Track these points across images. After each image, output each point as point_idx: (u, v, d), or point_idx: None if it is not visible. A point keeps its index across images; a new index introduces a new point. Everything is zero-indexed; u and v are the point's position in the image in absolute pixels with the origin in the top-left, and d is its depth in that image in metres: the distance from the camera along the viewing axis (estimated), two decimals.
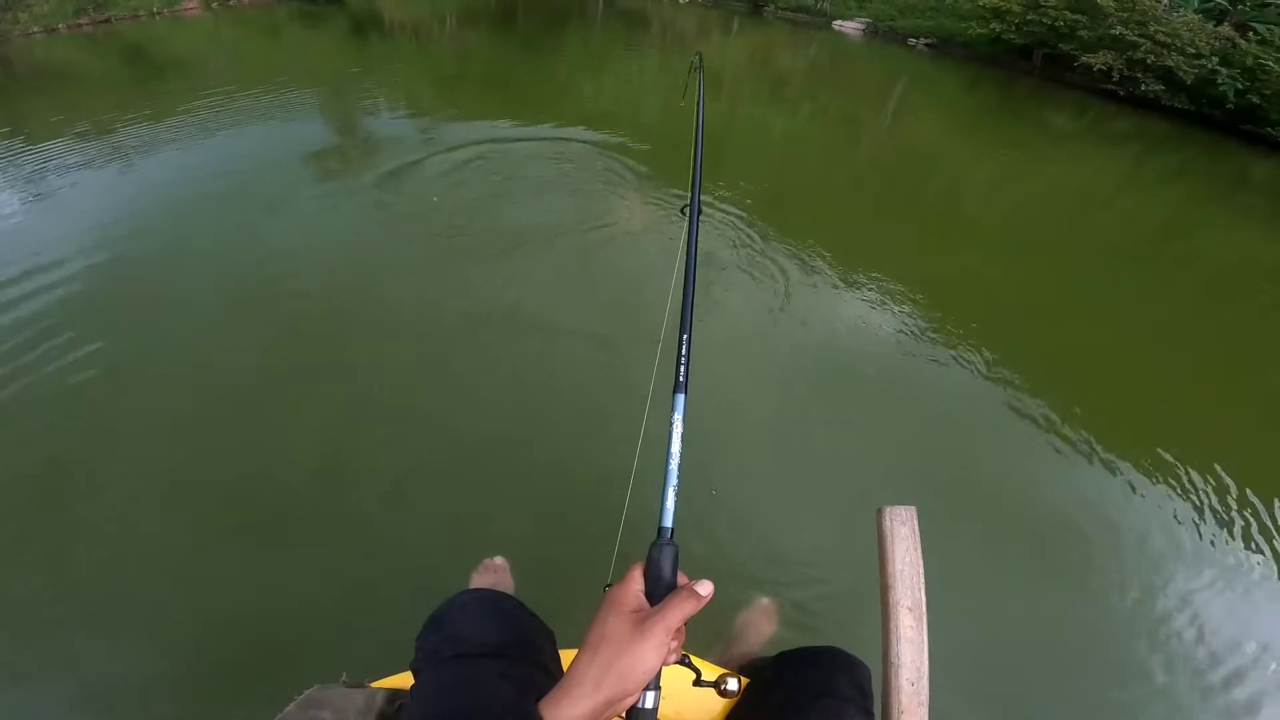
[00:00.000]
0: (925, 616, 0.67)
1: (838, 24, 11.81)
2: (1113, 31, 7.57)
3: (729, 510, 1.97)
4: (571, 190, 4.10)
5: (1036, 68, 9.03)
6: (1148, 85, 7.57)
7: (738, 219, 3.80)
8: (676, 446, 0.67)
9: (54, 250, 3.13)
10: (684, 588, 0.56)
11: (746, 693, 0.89)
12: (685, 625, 0.56)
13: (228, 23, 9.51)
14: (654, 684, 0.54)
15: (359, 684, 0.92)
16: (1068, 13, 8.10)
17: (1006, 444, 2.43)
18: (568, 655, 0.58)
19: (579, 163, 4.51)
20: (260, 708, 0.89)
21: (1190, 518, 2.15)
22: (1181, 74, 7.24)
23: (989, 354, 2.82)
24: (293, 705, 0.86)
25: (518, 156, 4.52)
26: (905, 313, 3.09)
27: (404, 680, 0.92)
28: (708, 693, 0.90)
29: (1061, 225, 4.48)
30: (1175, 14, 7.54)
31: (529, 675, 0.73)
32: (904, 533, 0.68)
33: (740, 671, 0.89)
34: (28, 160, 4.18)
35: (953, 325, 3.00)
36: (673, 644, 0.54)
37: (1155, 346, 3.18)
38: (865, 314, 3.07)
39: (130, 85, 6.31)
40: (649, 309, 2.80)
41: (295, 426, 2.23)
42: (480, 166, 4.31)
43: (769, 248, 3.52)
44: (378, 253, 3.33)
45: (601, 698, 0.50)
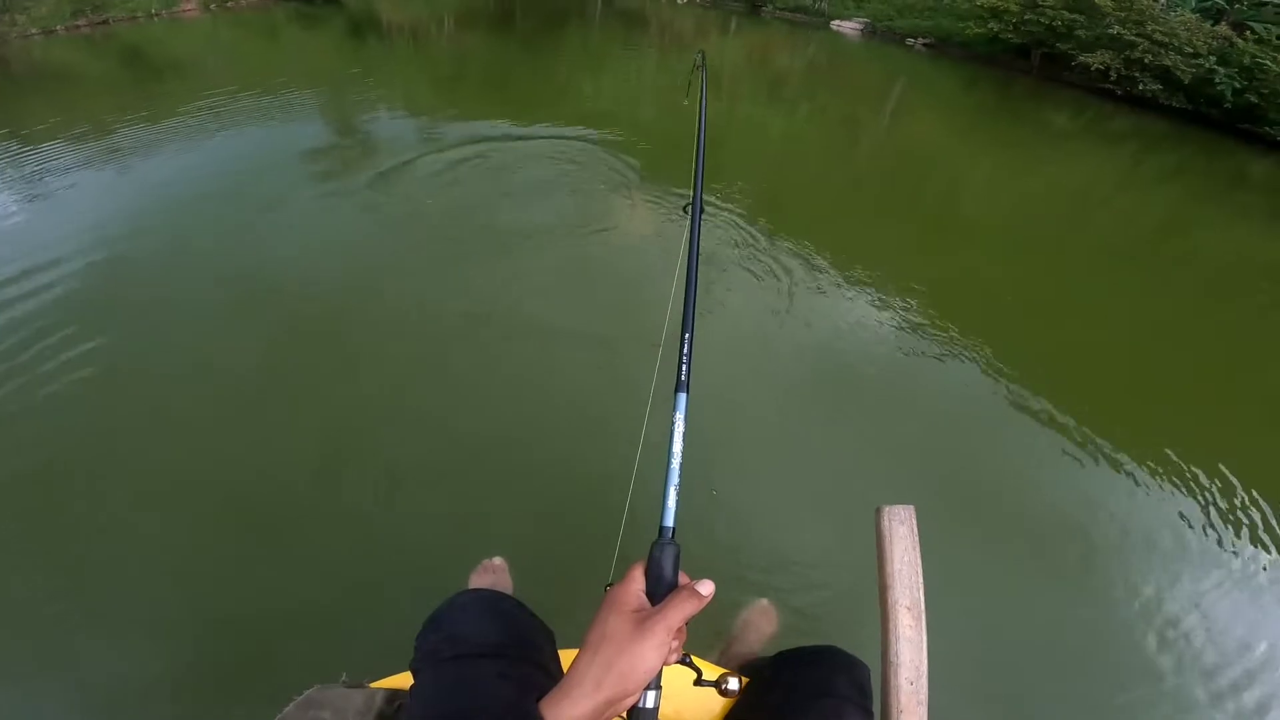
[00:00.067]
0: (924, 616, 0.67)
1: (836, 24, 11.80)
2: (1110, 31, 7.57)
3: (730, 510, 1.97)
4: (571, 190, 4.10)
5: (1034, 67, 9.04)
6: (1145, 84, 7.57)
7: (737, 219, 3.80)
8: (678, 446, 0.67)
9: (53, 250, 3.12)
10: (685, 587, 0.56)
11: (746, 692, 0.89)
12: (686, 625, 0.56)
13: (225, 24, 9.49)
14: (655, 683, 0.54)
15: (358, 684, 0.92)
16: (1065, 12, 8.10)
17: (1006, 444, 2.43)
18: (568, 655, 0.58)
19: (578, 163, 4.50)
20: (260, 708, 0.89)
21: (1190, 517, 2.15)
22: (1179, 73, 7.24)
23: (988, 354, 2.82)
24: (292, 705, 0.86)
25: (517, 156, 4.52)
26: (905, 312, 3.09)
27: (403, 680, 0.92)
28: (708, 692, 0.91)
29: (1060, 224, 4.48)
30: (1172, 13, 7.54)
31: (528, 675, 0.73)
32: (902, 532, 0.68)
33: (740, 671, 0.89)
34: (27, 161, 4.18)
35: (952, 325, 3.00)
36: (674, 644, 0.54)
37: (1154, 346, 3.18)
38: (865, 314, 3.07)
39: (129, 86, 6.30)
40: (649, 308, 2.80)
41: (295, 426, 2.22)
42: (479, 167, 4.31)
43: (769, 248, 3.52)
44: (377, 253, 3.33)
45: (602, 697, 0.50)
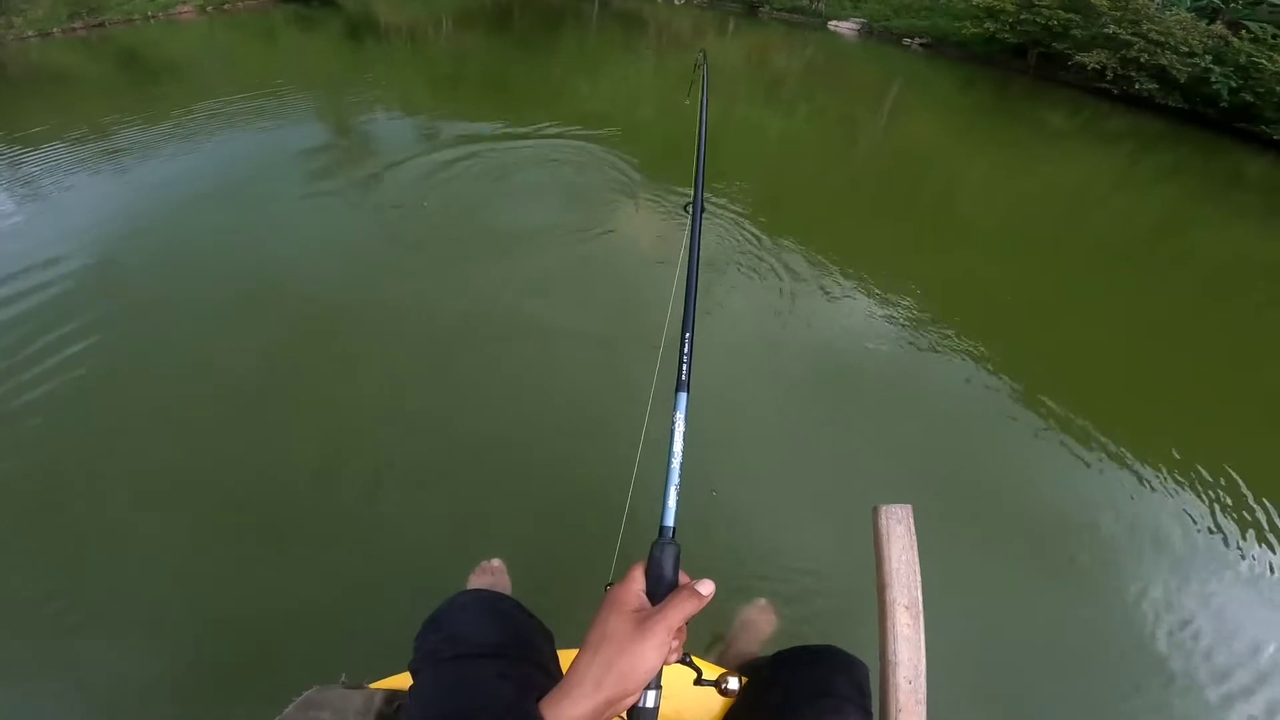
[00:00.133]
0: (922, 615, 0.67)
1: (833, 24, 11.81)
2: (1106, 30, 7.58)
3: (730, 510, 1.97)
4: (570, 190, 4.11)
5: (1031, 67, 9.05)
6: (1142, 84, 7.58)
7: (736, 220, 3.80)
8: (678, 445, 0.66)
9: (52, 250, 3.13)
10: (685, 587, 0.56)
11: (745, 692, 0.89)
12: (686, 625, 0.56)
13: (222, 26, 9.48)
14: (655, 683, 0.54)
15: (357, 685, 0.92)
16: (1061, 11, 8.10)
17: (1006, 443, 2.43)
18: (568, 655, 0.58)
19: (577, 163, 4.51)
20: (259, 708, 0.89)
21: (1190, 515, 2.15)
22: (1175, 72, 7.25)
23: (987, 353, 2.83)
24: (291, 706, 0.86)
25: (516, 157, 4.52)
26: (903, 312, 3.10)
27: (403, 681, 0.92)
28: (707, 692, 0.91)
29: (1057, 224, 4.49)
30: (1168, 12, 7.55)
31: (528, 675, 0.73)
32: (900, 531, 0.68)
33: (739, 671, 0.89)
34: (24, 163, 4.17)
35: (951, 325, 3.01)
36: (674, 643, 0.54)
37: (1152, 345, 3.18)
38: (864, 314, 3.08)
39: (126, 89, 6.30)
40: (649, 308, 2.80)
41: (295, 426, 2.23)
42: (478, 167, 4.31)
43: (768, 249, 3.52)
44: (376, 253, 3.33)
45: (602, 697, 0.50)
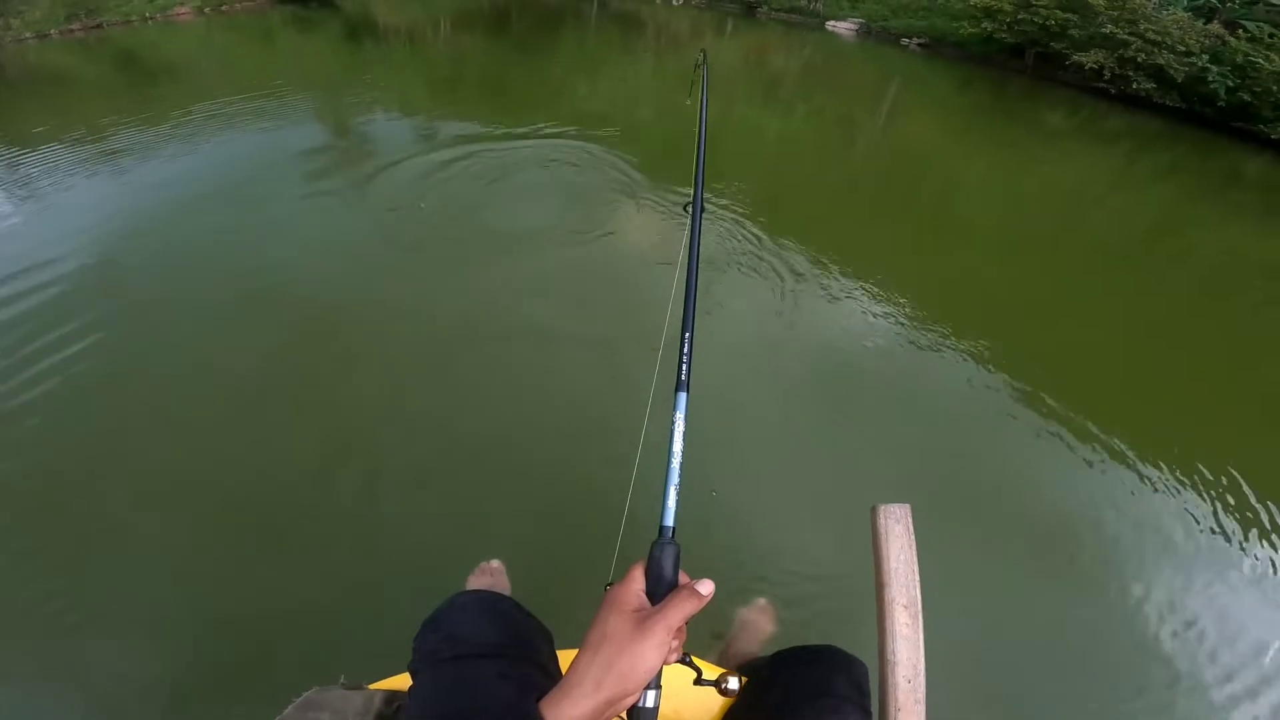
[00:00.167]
0: (921, 614, 0.67)
1: (831, 24, 11.82)
2: (1103, 30, 7.60)
3: (730, 510, 1.98)
4: (569, 191, 4.11)
5: (1028, 67, 9.06)
6: (1139, 83, 7.60)
7: (735, 220, 3.81)
8: (678, 445, 0.66)
9: (51, 252, 3.13)
10: (685, 587, 0.56)
11: (745, 692, 0.89)
12: (686, 625, 0.56)
13: (220, 28, 9.48)
14: (655, 683, 0.54)
15: (357, 685, 0.92)
16: (1058, 11, 8.12)
17: (1005, 443, 2.43)
18: (568, 655, 0.58)
19: (576, 164, 4.51)
20: (259, 709, 0.89)
21: (1190, 514, 2.15)
22: (1172, 72, 7.27)
23: (986, 353, 2.83)
24: (291, 707, 0.86)
25: (515, 158, 4.52)
26: (902, 313, 3.10)
27: (402, 681, 0.92)
28: (707, 692, 0.91)
29: (1055, 224, 4.49)
30: (1165, 12, 7.57)
31: (528, 675, 0.73)
32: (898, 530, 0.68)
33: (739, 671, 0.89)
34: (23, 164, 4.17)
35: (949, 325, 3.01)
36: (674, 643, 0.54)
37: (1150, 344, 3.19)
38: (863, 314, 3.08)
39: (124, 90, 6.29)
40: (649, 308, 2.80)
41: (294, 427, 2.23)
42: (477, 169, 4.31)
43: (767, 249, 3.53)
44: (376, 254, 3.33)
45: (602, 697, 0.50)
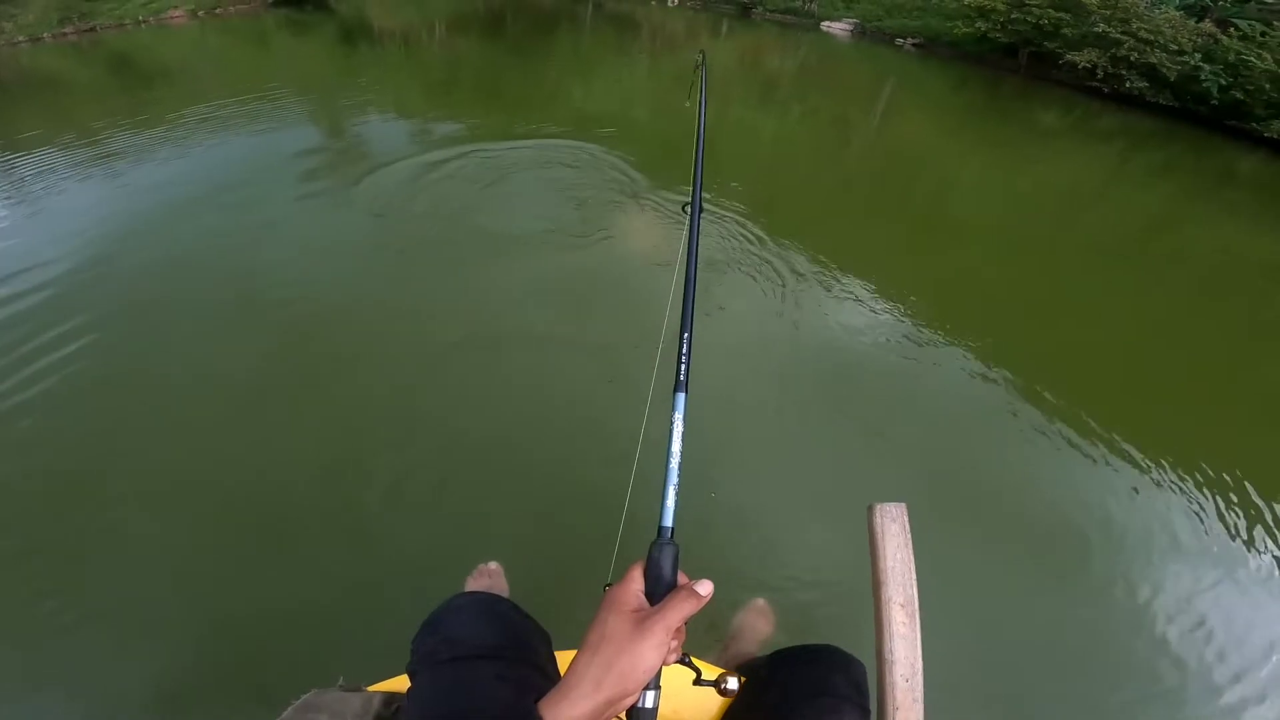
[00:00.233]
0: (918, 613, 0.68)
1: (826, 25, 11.84)
2: (1096, 29, 7.62)
3: (729, 510, 1.98)
4: (566, 193, 4.10)
5: (1022, 66, 9.09)
6: (1132, 82, 7.63)
7: (732, 221, 3.81)
8: (677, 445, 0.67)
9: (46, 254, 3.13)
10: (684, 587, 0.56)
11: (743, 692, 0.89)
12: (685, 625, 0.56)
13: (214, 31, 9.46)
14: (654, 683, 0.54)
15: (355, 687, 0.92)
16: (1051, 11, 8.15)
17: (1005, 443, 2.43)
18: (567, 656, 0.58)
19: (572, 166, 4.51)
20: (257, 712, 0.89)
21: (1190, 514, 2.15)
22: (1165, 71, 7.29)
23: (984, 353, 2.83)
24: (289, 710, 0.86)
25: (512, 160, 4.52)
26: (900, 313, 3.10)
27: (400, 683, 0.92)
28: (706, 692, 0.91)
29: (1051, 223, 4.50)
30: (1157, 11, 7.60)
31: (526, 676, 0.73)
32: (895, 529, 0.69)
33: (737, 671, 0.90)
34: (16, 167, 4.16)
35: (947, 324, 3.01)
36: (673, 643, 0.54)
37: (1147, 343, 3.19)
38: (860, 314, 3.08)
39: (118, 93, 6.29)
40: (647, 308, 2.81)
41: (294, 430, 2.23)
42: (473, 171, 4.31)
43: (764, 249, 3.53)
44: (373, 256, 3.33)
45: (602, 697, 0.50)
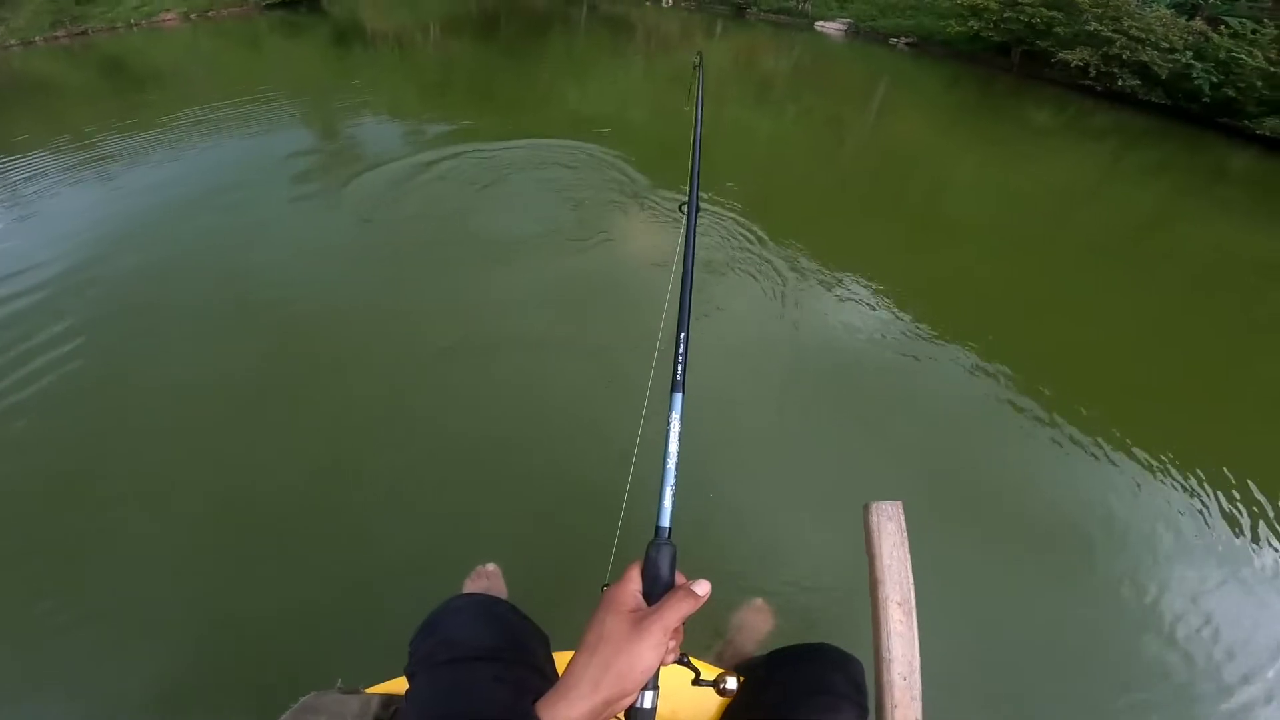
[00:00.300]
0: (915, 611, 0.68)
1: (820, 25, 11.85)
2: (1088, 27, 7.65)
3: (726, 510, 1.98)
4: (562, 194, 4.10)
5: (1015, 65, 9.11)
6: (1124, 80, 7.65)
7: (729, 221, 3.81)
8: (674, 446, 0.67)
9: (40, 257, 3.13)
10: (681, 587, 0.56)
11: (742, 691, 0.89)
12: (683, 625, 0.56)
13: (206, 34, 9.43)
14: (652, 684, 0.54)
15: (353, 690, 0.91)
16: (1044, 9, 8.17)
17: (1004, 442, 2.43)
18: (565, 657, 0.58)
19: (568, 167, 4.51)
20: (255, 713, 0.89)
21: (1189, 511, 2.15)
22: (1156, 69, 7.32)
23: (980, 352, 2.84)
24: (287, 713, 0.86)
25: (507, 162, 4.52)
26: (896, 312, 3.11)
27: (399, 685, 0.92)
28: (704, 692, 0.91)
29: (1045, 221, 4.51)
30: (1148, 9, 7.63)
31: (524, 678, 0.73)
32: (891, 528, 0.69)
33: (735, 670, 0.90)
34: (9, 170, 4.15)
35: (943, 323, 3.02)
36: (671, 643, 0.54)
37: (1142, 341, 3.19)
38: (857, 314, 3.09)
39: (110, 96, 6.27)
40: (644, 309, 2.81)
41: (292, 431, 2.22)
42: (469, 173, 4.31)
43: (761, 250, 3.53)
44: (370, 258, 3.33)
45: (600, 698, 0.50)
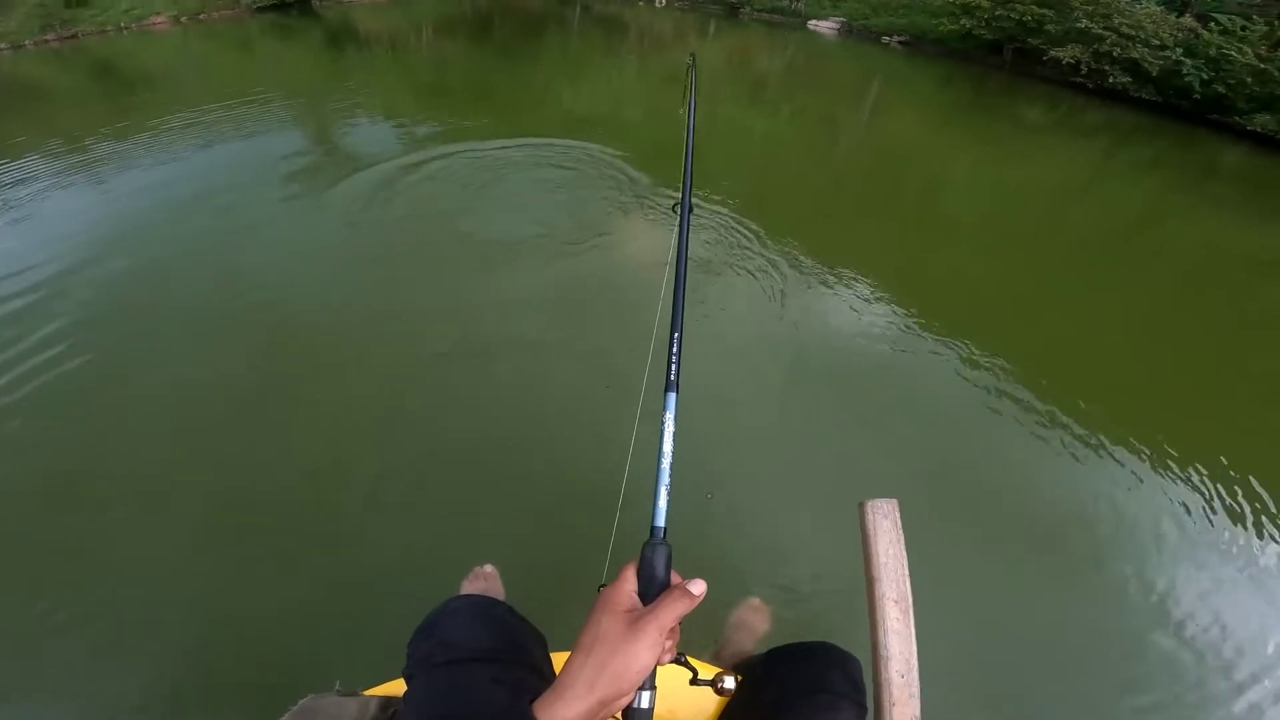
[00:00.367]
0: (912, 609, 0.68)
1: (813, 24, 11.87)
2: (1079, 25, 7.68)
3: (722, 509, 1.98)
4: (556, 194, 4.10)
5: (1007, 63, 9.14)
6: (1115, 77, 7.68)
7: (723, 221, 3.82)
8: (668, 446, 0.67)
9: (32, 259, 3.12)
10: (677, 587, 0.56)
11: (740, 690, 0.89)
12: (679, 625, 0.56)
13: (197, 37, 9.39)
14: (649, 683, 0.54)
15: (352, 692, 0.91)
16: (1034, 7, 8.21)
17: (1001, 440, 2.44)
18: (562, 658, 0.58)
19: (563, 167, 4.51)
20: (254, 716, 0.89)
21: (1188, 508, 2.16)
22: (1147, 65, 7.35)
23: (976, 350, 2.85)
24: (285, 716, 0.86)
25: (502, 162, 4.51)
26: (892, 311, 3.12)
27: (397, 688, 0.92)
28: (702, 691, 0.91)
29: (1039, 219, 4.53)
30: (1138, 6, 7.67)
31: (522, 679, 0.73)
32: (886, 526, 0.69)
33: (733, 669, 0.90)
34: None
35: (939, 322, 3.03)
36: (667, 643, 0.54)
37: (1136, 338, 3.20)
38: (855, 313, 3.09)
39: (101, 100, 6.23)
40: (643, 308, 2.80)
41: (291, 433, 2.23)
42: (464, 174, 4.30)
43: (756, 250, 3.54)
44: (366, 259, 3.32)
45: (596, 698, 0.50)
